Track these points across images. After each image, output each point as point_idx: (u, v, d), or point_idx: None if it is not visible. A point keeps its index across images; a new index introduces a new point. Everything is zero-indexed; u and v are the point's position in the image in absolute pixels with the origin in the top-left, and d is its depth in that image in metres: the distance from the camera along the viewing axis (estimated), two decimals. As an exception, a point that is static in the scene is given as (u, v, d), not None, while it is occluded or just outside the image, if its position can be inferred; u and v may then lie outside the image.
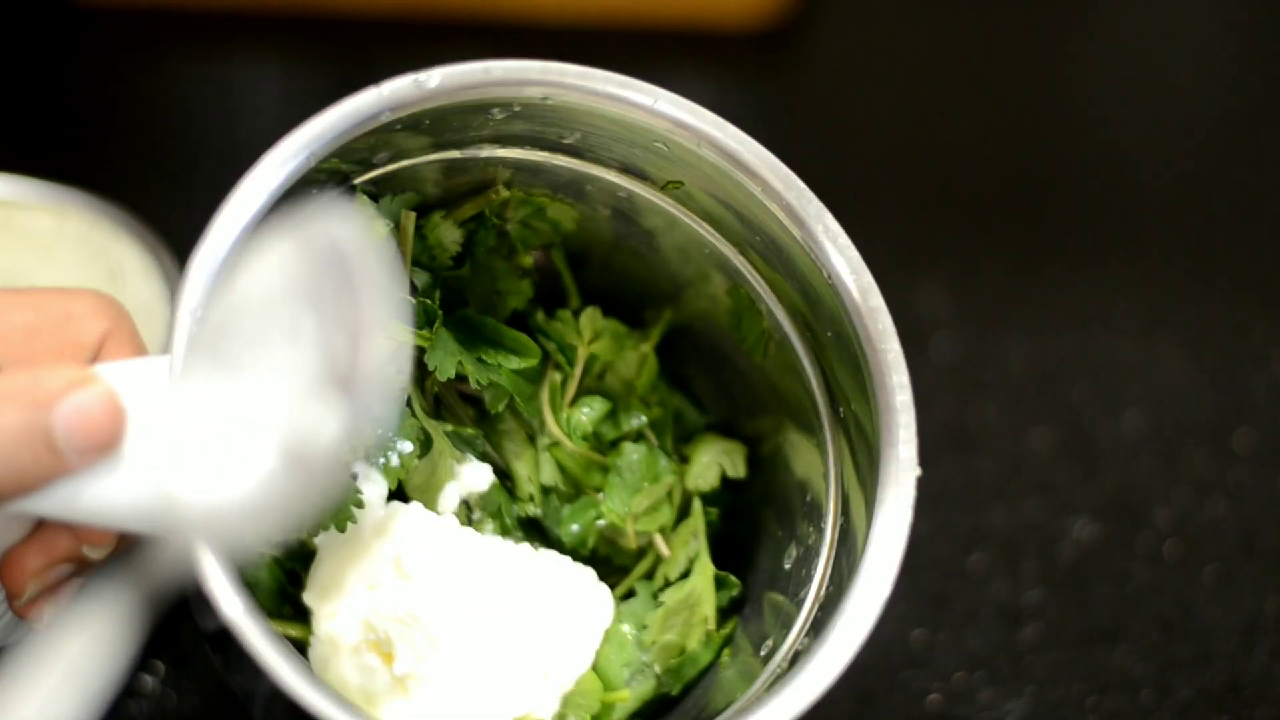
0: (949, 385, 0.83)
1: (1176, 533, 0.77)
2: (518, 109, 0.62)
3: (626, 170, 0.65)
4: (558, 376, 0.67)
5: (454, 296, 0.66)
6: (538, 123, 0.63)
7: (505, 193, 0.66)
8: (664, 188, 0.65)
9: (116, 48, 0.93)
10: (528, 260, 0.67)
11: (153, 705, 0.70)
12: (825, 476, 0.62)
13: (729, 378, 0.68)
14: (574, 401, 0.67)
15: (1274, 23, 1.01)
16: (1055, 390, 0.83)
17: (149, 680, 0.71)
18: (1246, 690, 0.73)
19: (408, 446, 0.63)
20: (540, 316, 0.68)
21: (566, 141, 0.64)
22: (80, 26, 0.93)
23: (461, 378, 0.65)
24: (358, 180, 0.63)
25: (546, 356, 0.67)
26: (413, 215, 0.64)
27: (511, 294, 0.67)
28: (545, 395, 0.67)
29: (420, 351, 0.64)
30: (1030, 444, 0.81)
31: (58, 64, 0.92)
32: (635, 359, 0.68)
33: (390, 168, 0.63)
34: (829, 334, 0.62)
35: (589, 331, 0.67)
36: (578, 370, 0.67)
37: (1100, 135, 0.97)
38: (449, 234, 0.66)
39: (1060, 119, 0.97)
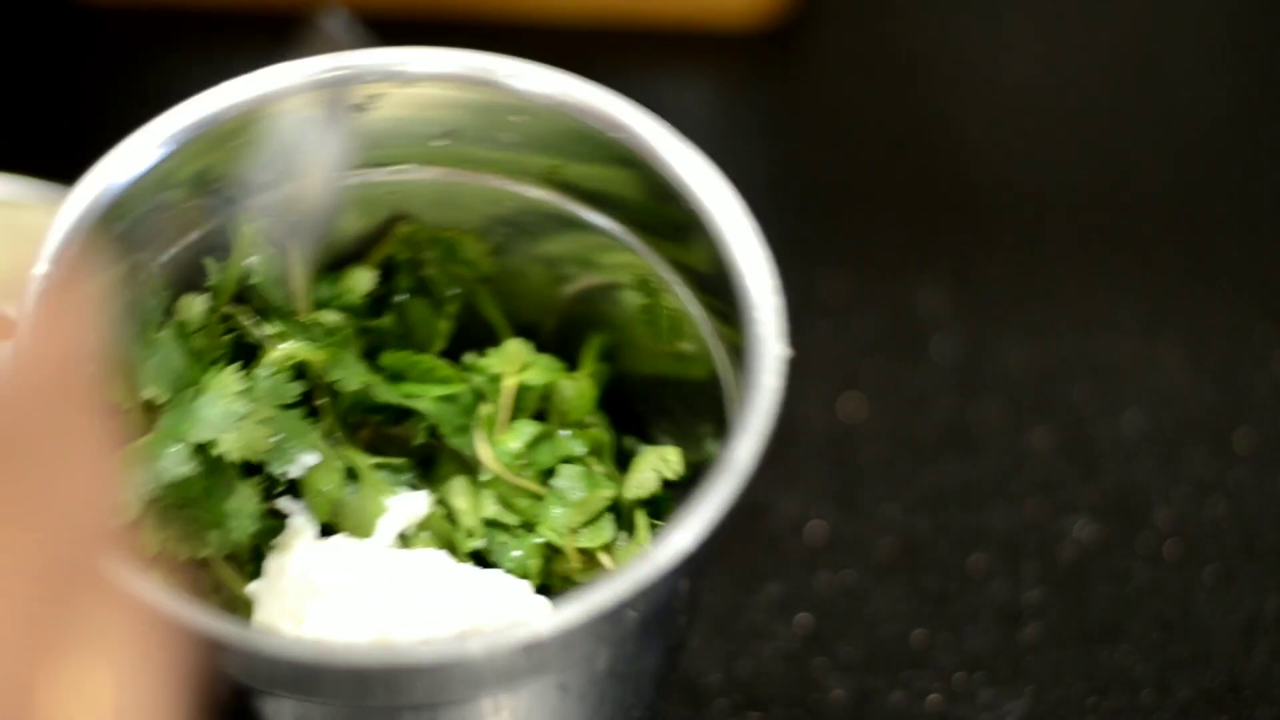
0: (949, 385, 0.83)
1: (1176, 533, 0.77)
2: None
3: (505, 170, 0.65)
4: (488, 409, 0.66)
5: (374, 346, 0.66)
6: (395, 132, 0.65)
7: (406, 228, 0.66)
8: (547, 179, 0.65)
9: (117, 46, 0.93)
10: (451, 308, 0.67)
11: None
12: None
13: (668, 399, 0.67)
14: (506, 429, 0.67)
15: (1275, 21, 1.01)
16: (1055, 390, 0.83)
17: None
18: (1247, 690, 0.73)
19: (312, 459, 0.63)
20: (469, 357, 0.68)
21: (435, 145, 0.65)
22: (80, 25, 0.93)
23: (390, 418, 0.65)
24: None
25: (480, 396, 0.67)
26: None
27: (436, 337, 0.67)
28: (479, 428, 0.66)
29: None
30: (1030, 444, 0.81)
31: (57, 63, 0.92)
32: (571, 388, 0.67)
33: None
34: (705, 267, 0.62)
35: (517, 362, 0.67)
36: (506, 398, 0.66)
37: (1100, 135, 0.97)
38: (360, 279, 0.66)
39: (1061, 118, 0.97)
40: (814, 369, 0.85)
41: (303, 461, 0.63)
